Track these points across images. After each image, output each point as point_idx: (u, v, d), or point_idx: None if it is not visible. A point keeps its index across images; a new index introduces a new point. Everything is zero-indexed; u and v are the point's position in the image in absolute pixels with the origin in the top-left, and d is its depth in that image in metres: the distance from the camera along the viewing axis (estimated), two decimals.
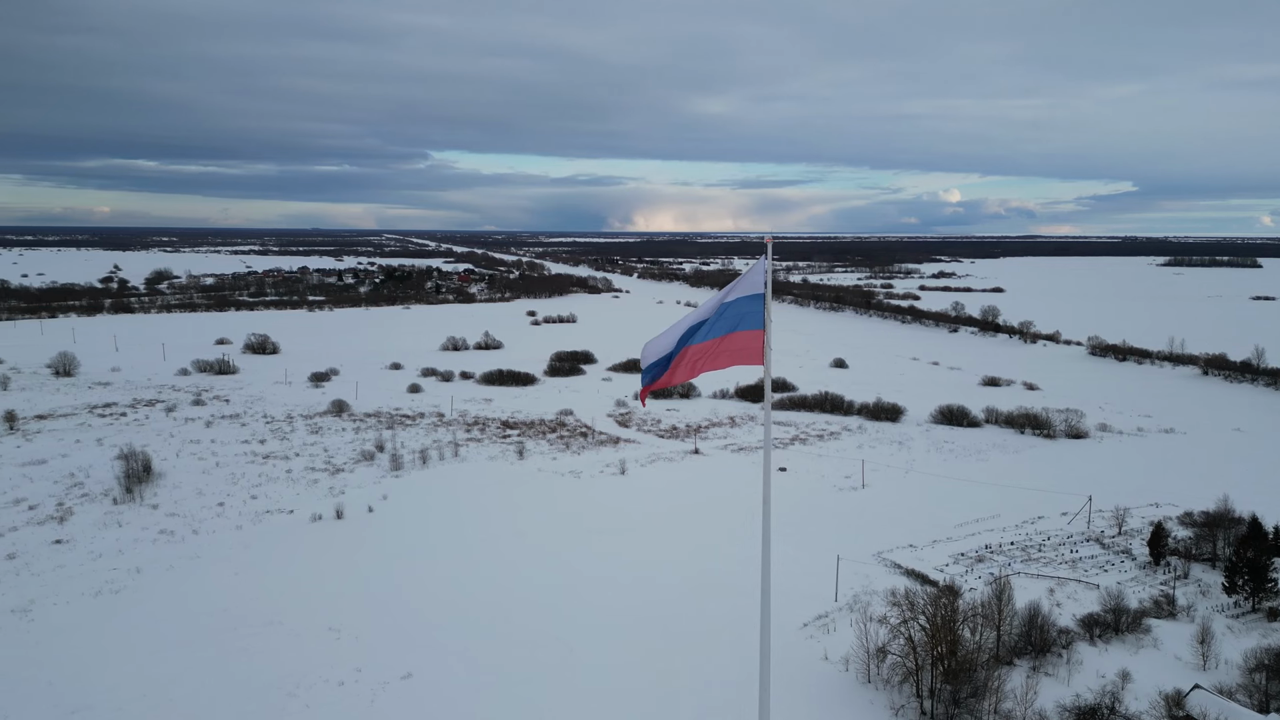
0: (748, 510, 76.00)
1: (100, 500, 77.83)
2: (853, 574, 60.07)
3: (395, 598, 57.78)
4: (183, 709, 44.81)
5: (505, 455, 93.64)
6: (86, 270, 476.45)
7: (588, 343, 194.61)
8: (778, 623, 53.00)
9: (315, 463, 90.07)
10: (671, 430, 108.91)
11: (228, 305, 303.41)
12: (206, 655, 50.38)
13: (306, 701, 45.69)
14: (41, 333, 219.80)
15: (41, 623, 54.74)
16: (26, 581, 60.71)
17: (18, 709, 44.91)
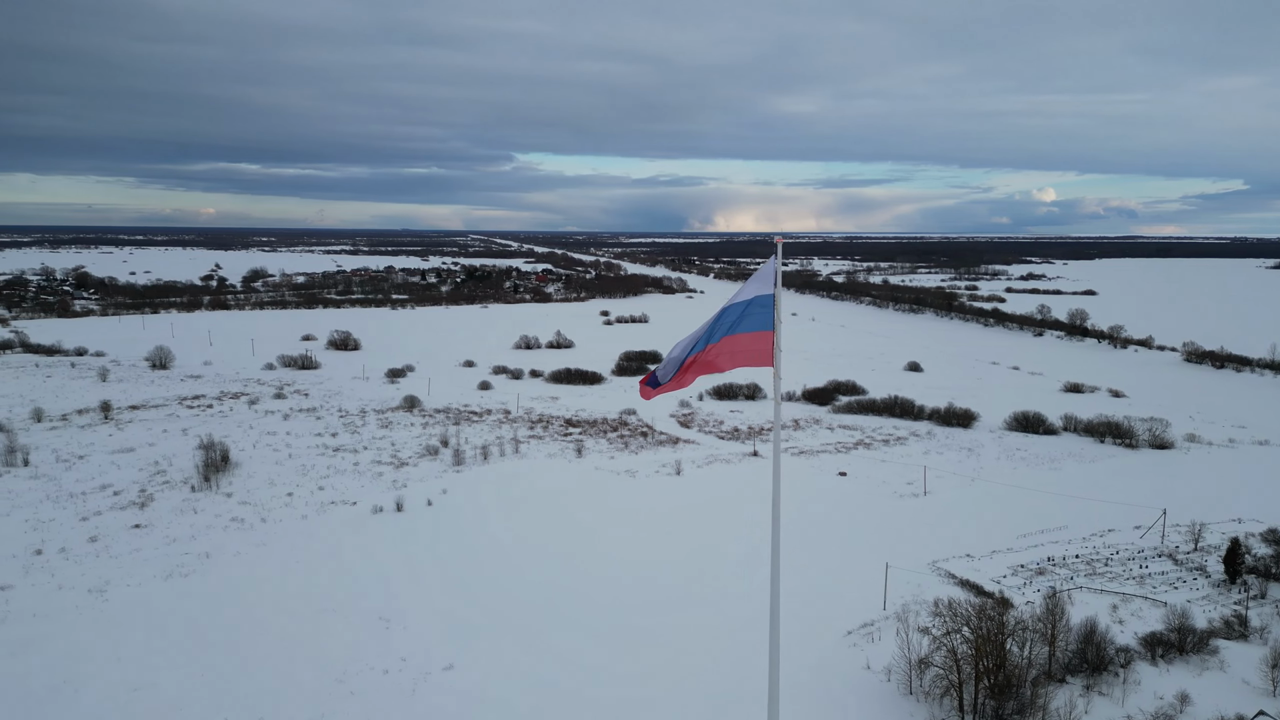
0: (802, 515, 74.97)
1: (180, 487, 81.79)
2: (904, 583, 58.62)
3: (443, 590, 59.06)
4: (238, 690, 46.74)
5: (564, 453, 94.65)
6: (189, 269, 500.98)
7: (658, 343, 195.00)
8: (821, 630, 52.35)
9: (382, 456, 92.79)
10: (733, 432, 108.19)
11: (316, 303, 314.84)
12: (264, 639, 52.45)
13: (353, 688, 47.13)
14: (143, 328, 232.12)
15: (115, 602, 57.88)
16: (105, 563, 64.24)
17: (87, 682, 47.60)
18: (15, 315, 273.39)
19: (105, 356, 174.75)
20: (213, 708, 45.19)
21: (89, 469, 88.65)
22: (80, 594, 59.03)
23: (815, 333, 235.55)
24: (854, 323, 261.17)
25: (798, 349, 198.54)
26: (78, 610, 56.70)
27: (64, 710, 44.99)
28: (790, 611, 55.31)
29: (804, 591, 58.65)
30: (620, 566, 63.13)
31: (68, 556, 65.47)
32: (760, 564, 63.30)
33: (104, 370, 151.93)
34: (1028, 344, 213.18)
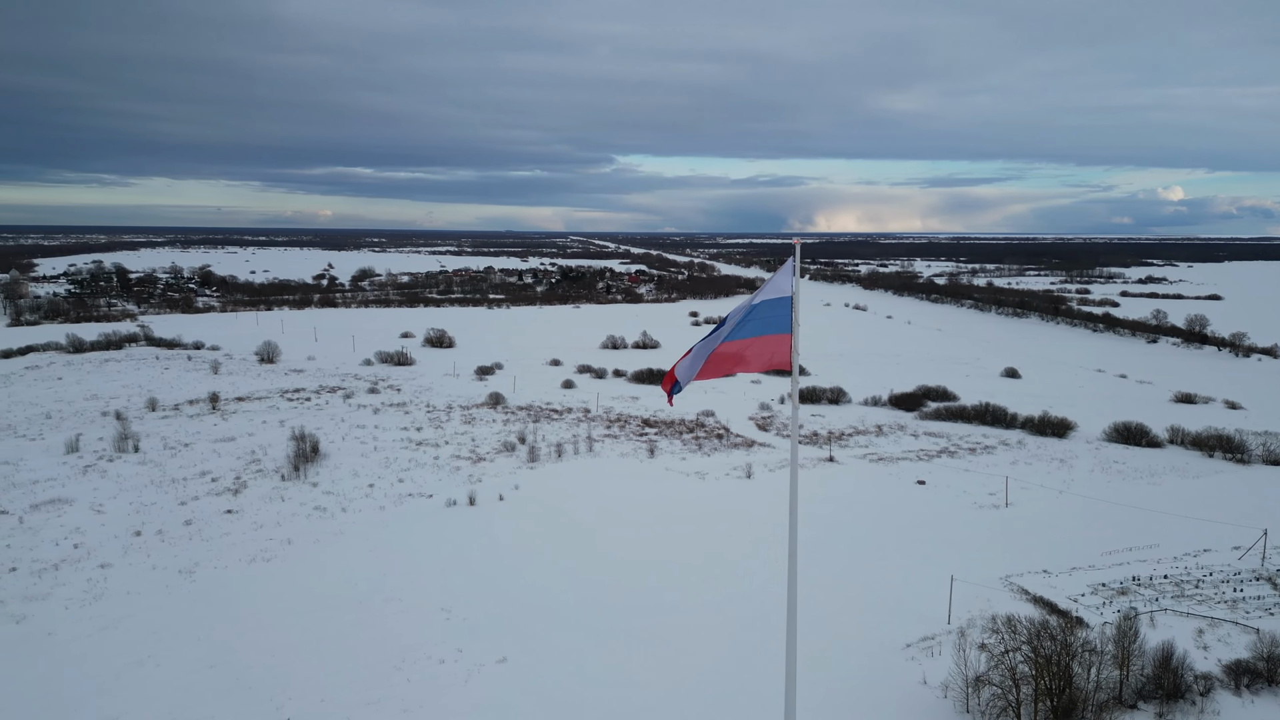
0: (872, 523, 73.16)
1: (271, 476, 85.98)
2: (973, 596, 56.45)
3: (504, 584, 60.20)
4: (300, 673, 48.84)
5: (636, 453, 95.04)
6: (304, 268, 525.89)
7: None
8: (878, 641, 51.01)
9: (461, 451, 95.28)
10: (812, 436, 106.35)
11: (418, 302, 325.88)
12: (332, 624, 54.66)
13: (409, 676, 48.59)
14: (257, 324, 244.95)
15: (201, 583, 61.36)
16: (197, 546, 68.16)
17: (166, 658, 50.62)
18: (144, 310, 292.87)
19: (219, 350, 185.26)
20: (277, 687, 47.34)
21: (192, 456, 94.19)
22: (171, 574, 62.83)
23: (909, 336, 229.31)
24: (951, 326, 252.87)
25: (889, 353, 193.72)
26: (167, 590, 60.35)
27: (141, 683, 47.95)
28: (848, 621, 54.26)
29: (865, 601, 57.27)
30: (679, 567, 62.97)
31: (164, 538, 69.76)
32: (820, 570, 62.19)
33: (216, 363, 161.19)
34: (1139, 351, 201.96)
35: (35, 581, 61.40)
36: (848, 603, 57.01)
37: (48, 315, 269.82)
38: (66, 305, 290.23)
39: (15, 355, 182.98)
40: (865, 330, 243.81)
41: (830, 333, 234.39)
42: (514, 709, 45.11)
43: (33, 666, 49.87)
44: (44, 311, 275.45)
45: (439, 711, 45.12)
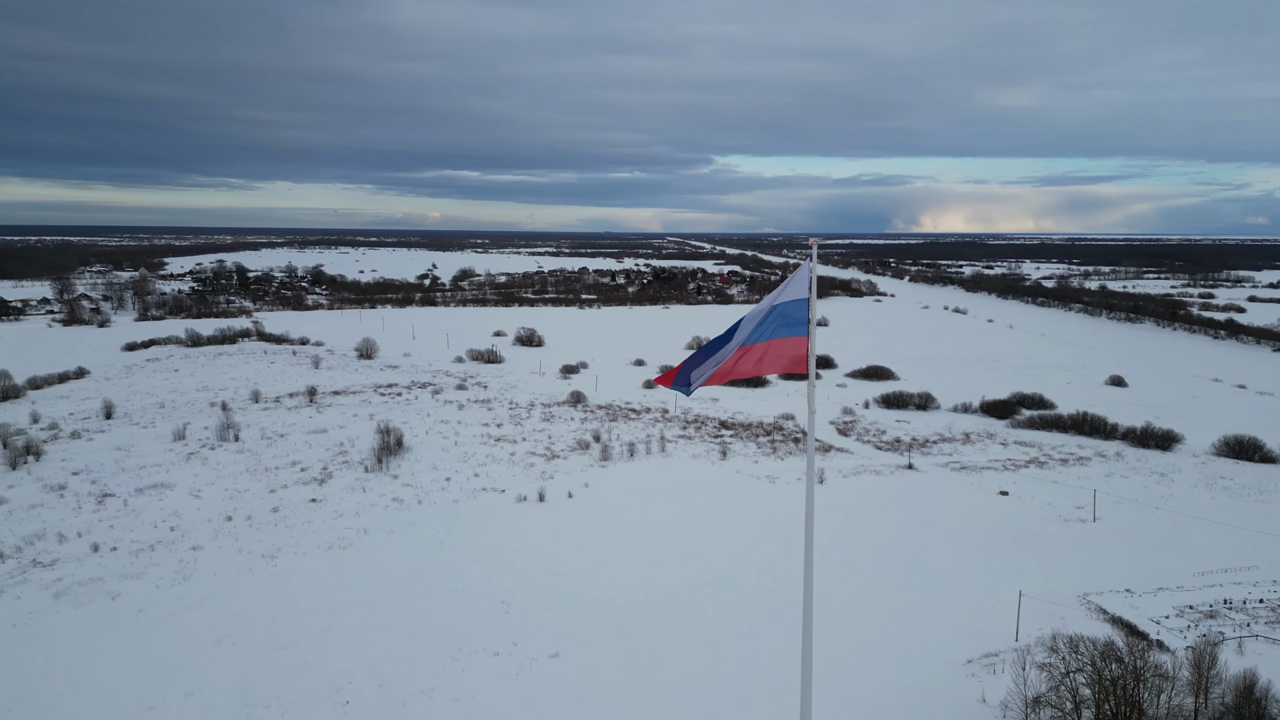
0: (949, 533, 70.73)
1: (355, 468, 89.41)
2: (1046, 614, 53.91)
3: (565, 580, 60.94)
4: (363, 658, 50.67)
5: (709, 454, 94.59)
6: (409, 268, 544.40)
7: (832, 347, 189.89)
8: (938, 655, 49.34)
9: (537, 448, 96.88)
10: (894, 443, 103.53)
11: (513, 301, 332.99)
12: (397, 612, 56.48)
13: (464, 666, 49.78)
14: (360, 321, 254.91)
15: (281, 568, 64.35)
16: (281, 532, 71.49)
17: (243, 638, 53.29)
18: (258, 307, 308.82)
19: (322, 346, 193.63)
20: (340, 670, 49.26)
21: (286, 447, 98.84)
22: (255, 558, 66.13)
23: (1010, 341, 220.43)
24: (1056, 331, 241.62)
25: (986, 358, 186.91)
26: (250, 573, 63.55)
27: (218, 661, 50.63)
28: (911, 633, 52.65)
29: (930, 614, 55.48)
30: (739, 570, 62.37)
31: (252, 524, 73.47)
32: (885, 579, 60.61)
33: (317, 358, 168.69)
34: (1263, 360, 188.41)
35: (132, 561, 65.62)
36: (913, 615, 55.35)
37: (172, 311, 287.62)
38: (189, 301, 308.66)
39: (139, 348, 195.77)
40: (963, 334, 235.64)
41: (924, 336, 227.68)
42: (561, 704, 45.63)
43: (123, 641, 53.30)
44: (169, 307, 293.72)
45: (488, 703, 46.06)
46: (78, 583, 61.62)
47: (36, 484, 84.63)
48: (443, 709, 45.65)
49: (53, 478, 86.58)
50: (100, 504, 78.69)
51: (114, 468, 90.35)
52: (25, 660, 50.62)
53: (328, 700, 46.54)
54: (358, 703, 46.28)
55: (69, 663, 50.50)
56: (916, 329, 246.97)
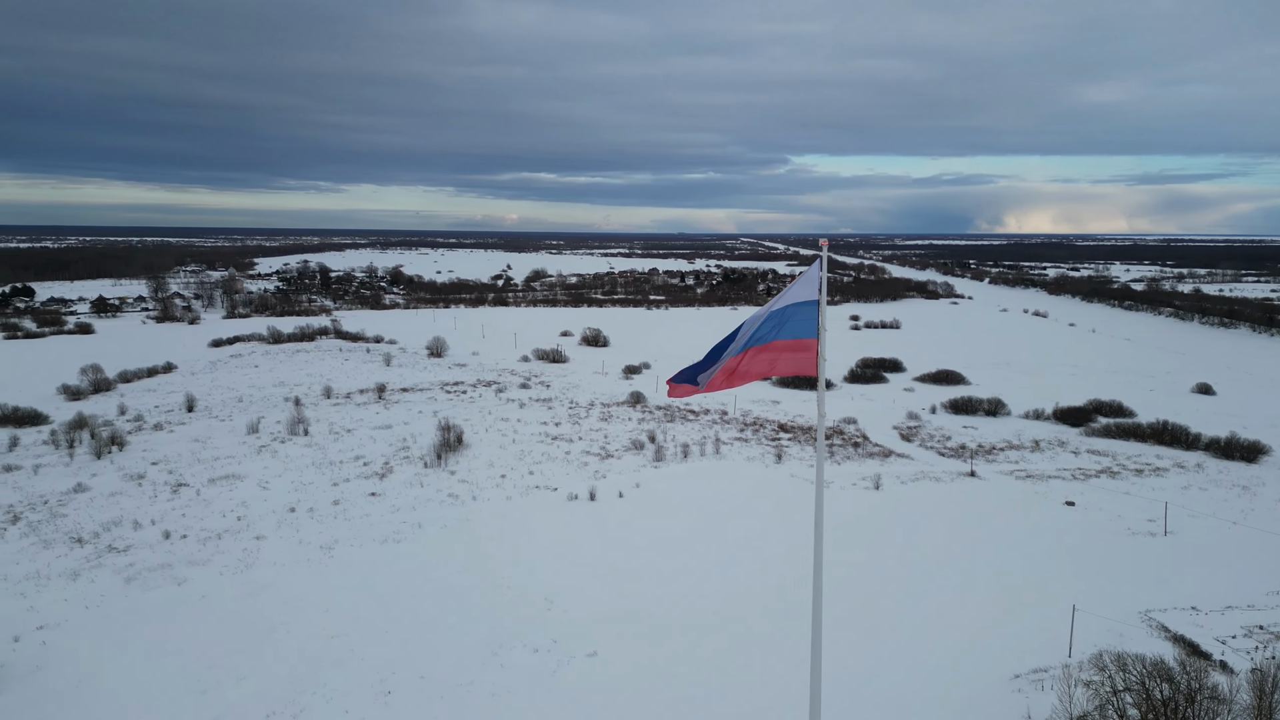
0: (1007, 543, 68.49)
1: (415, 463, 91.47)
2: (1103, 630, 51.76)
3: (609, 579, 61.17)
4: (408, 649, 51.84)
5: (764, 457, 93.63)
6: (484, 268, 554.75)
7: (904, 350, 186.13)
8: (984, 671, 47.90)
9: (593, 447, 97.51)
10: (959, 449, 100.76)
11: (582, 302, 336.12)
12: (443, 605, 57.59)
13: (504, 661, 50.48)
14: (433, 320, 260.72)
15: (338, 559, 66.28)
16: (340, 524, 73.63)
17: (297, 626, 55.07)
18: (338, 306, 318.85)
19: (395, 344, 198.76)
20: (384, 661, 50.49)
21: (351, 441, 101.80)
22: (313, 549, 68.27)
23: (1091, 346, 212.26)
24: (1143, 336, 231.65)
25: (1064, 363, 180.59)
26: (308, 563, 65.64)
27: (272, 648, 52.46)
28: (961, 645, 51.27)
29: (982, 626, 53.85)
30: (782, 574, 61.60)
31: (313, 516, 75.87)
32: (937, 588, 59.09)
33: (389, 356, 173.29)
34: None
35: (200, 548, 68.49)
36: (961, 627, 53.83)
37: (258, 309, 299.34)
38: (274, 300, 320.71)
39: (224, 344, 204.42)
40: (1041, 338, 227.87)
41: (1000, 340, 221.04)
42: (595, 703, 45.84)
43: (184, 625, 55.69)
44: (255, 305, 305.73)
45: (525, 700, 46.58)
46: (148, 568, 64.62)
47: (118, 473, 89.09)
48: (479, 703, 46.36)
49: (133, 467, 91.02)
50: (175, 493, 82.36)
51: (190, 459, 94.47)
52: (93, 642, 53.33)
53: (371, 690, 47.75)
54: (399, 693, 47.36)
55: (133, 645, 52.99)
56: (992, 332, 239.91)
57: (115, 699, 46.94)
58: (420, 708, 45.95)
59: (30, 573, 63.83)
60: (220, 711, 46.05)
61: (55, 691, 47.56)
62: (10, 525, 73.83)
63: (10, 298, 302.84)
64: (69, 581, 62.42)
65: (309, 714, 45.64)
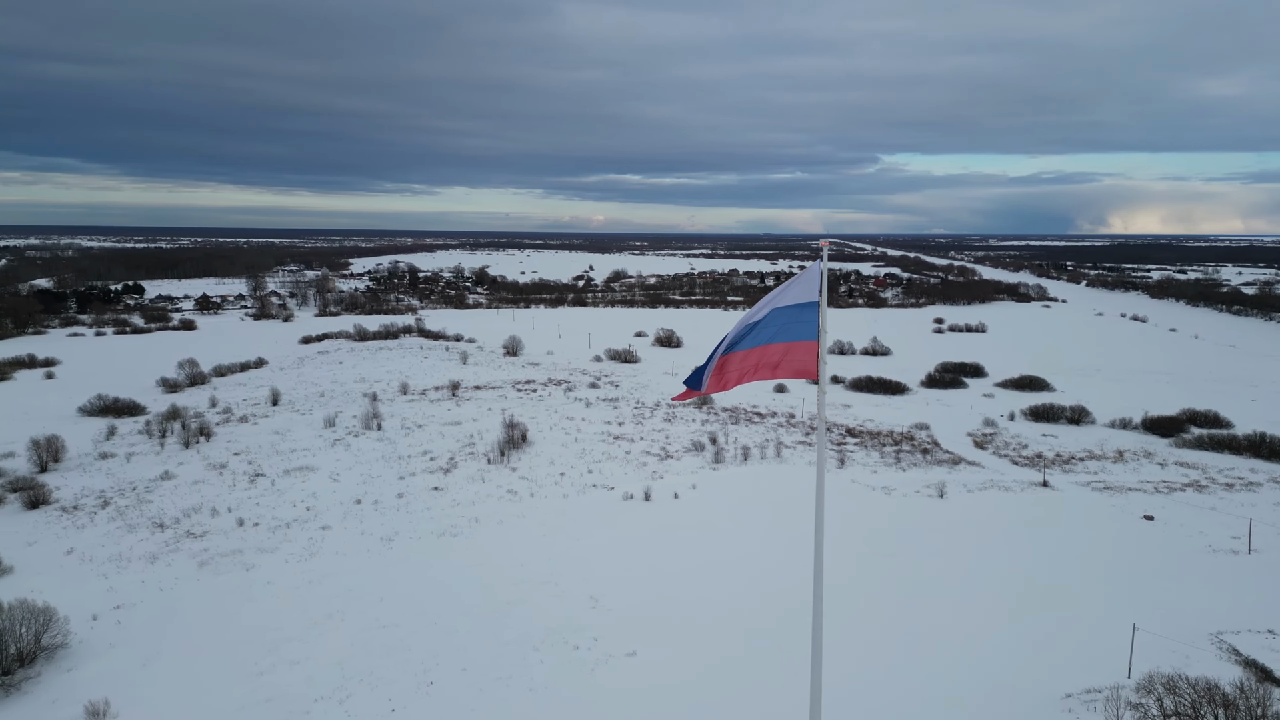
0: (1075, 557, 65.60)
1: (479, 459, 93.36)
2: (1168, 651, 49.07)
3: (655, 578, 61.18)
4: (453, 641, 52.99)
5: (826, 462, 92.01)
6: (567, 269, 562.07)
7: (987, 355, 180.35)
8: (1033, 688, 46.11)
9: (653, 448, 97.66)
10: (1034, 458, 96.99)
11: (659, 303, 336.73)
12: (491, 600, 58.64)
13: (543, 658, 51.07)
14: (513, 320, 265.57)
15: (396, 551, 68.22)
16: (402, 517, 75.75)
17: (351, 615, 56.94)
18: (424, 305, 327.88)
19: (474, 343, 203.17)
20: (430, 652, 51.73)
21: (421, 437, 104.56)
22: (374, 540, 70.44)
23: (1192, 352, 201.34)
24: (1251, 343, 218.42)
25: (1160, 370, 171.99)
26: (367, 554, 67.77)
27: (326, 634, 54.39)
28: (1009, 662, 49.50)
29: (1033, 642, 51.78)
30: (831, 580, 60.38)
31: (378, 508, 78.25)
32: (993, 600, 57.11)
33: (465, 354, 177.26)
34: None
35: (269, 536, 71.47)
36: (1014, 642, 51.85)
37: (348, 307, 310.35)
38: (364, 299, 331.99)
39: (313, 341, 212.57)
40: (1138, 344, 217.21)
41: (1092, 345, 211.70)
42: (628, 703, 45.93)
43: (249, 609, 58.25)
44: (345, 304, 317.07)
45: (560, 695, 47.03)
46: (220, 554, 67.82)
47: (202, 462, 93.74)
48: (516, 697, 47.01)
49: (217, 457, 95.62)
50: (252, 483, 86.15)
51: (269, 450, 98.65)
52: (163, 622, 56.31)
53: (414, 679, 48.98)
54: (440, 684, 48.44)
55: (200, 627, 55.71)
56: (1084, 337, 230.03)
57: (178, 677, 49.43)
58: (458, 699, 46.89)
59: (113, 555, 67.78)
60: (273, 694, 47.98)
61: (124, 668, 50.40)
62: (100, 510, 78.49)
63: (122, 295, 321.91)
64: (147, 564, 66.03)
65: (354, 700, 47.12)
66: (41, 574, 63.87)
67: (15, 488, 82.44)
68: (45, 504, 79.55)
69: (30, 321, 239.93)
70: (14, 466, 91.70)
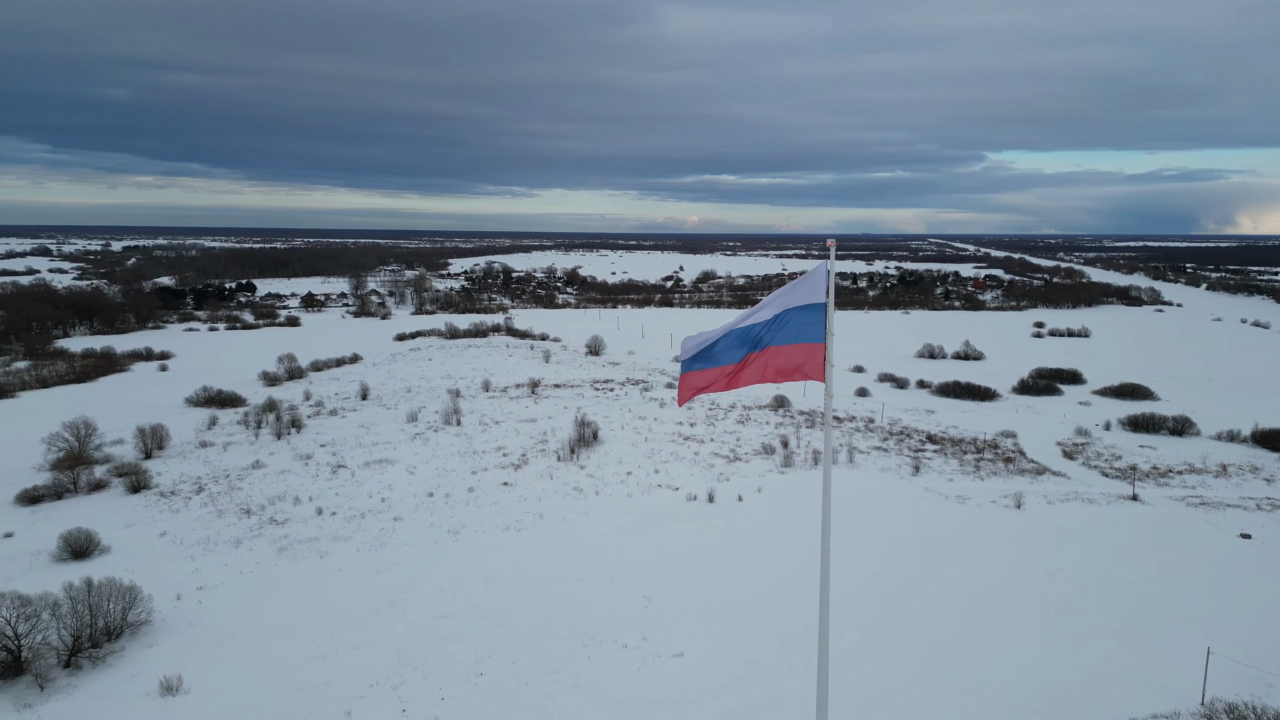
0: (1158, 574, 62.04)
1: (549, 456, 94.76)
2: (1251, 678, 45.98)
3: (710, 580, 60.86)
4: (505, 634, 54.01)
5: (900, 469, 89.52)
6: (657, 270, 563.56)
7: (1088, 361, 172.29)
8: (1100, 711, 43.95)
9: (722, 449, 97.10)
10: (1127, 470, 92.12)
11: (746, 303, 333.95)
12: (546, 594, 59.49)
13: (592, 654, 51.54)
14: (599, 319, 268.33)
15: (462, 543, 69.94)
16: (470, 511, 77.62)
17: (413, 604, 58.73)
18: (514, 304, 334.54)
19: (558, 342, 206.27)
20: (482, 644, 52.89)
21: (497, 433, 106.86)
22: (441, 533, 72.41)
23: None
24: None
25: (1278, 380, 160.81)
26: (434, 545, 69.72)
27: (387, 622, 56.25)
28: (1073, 683, 47.38)
29: (1101, 663, 49.27)
30: (882, 587, 58.86)
31: (448, 502, 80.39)
32: (1063, 618, 54.64)
33: (548, 353, 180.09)
34: None
35: (345, 525, 74.35)
36: (1081, 663, 49.43)
37: (443, 306, 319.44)
38: (458, 298, 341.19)
39: (407, 338, 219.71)
40: (1256, 352, 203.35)
41: (1205, 352, 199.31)
42: (672, 704, 45.90)
43: (319, 595, 60.78)
44: (440, 303, 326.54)
45: (604, 692, 47.37)
46: (298, 540, 70.96)
47: (291, 453, 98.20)
48: (561, 692, 47.59)
49: (304, 448, 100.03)
50: (334, 474, 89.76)
51: (354, 442, 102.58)
52: (241, 604, 59.31)
53: (465, 670, 50.17)
54: (490, 675, 49.47)
55: (273, 609, 58.44)
56: (1197, 344, 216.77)
57: (247, 656, 52.00)
58: (505, 691, 47.78)
59: (202, 538, 71.76)
60: (332, 677, 49.94)
61: (200, 646, 53.32)
62: (195, 495, 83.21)
63: (235, 292, 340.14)
64: (232, 548, 69.65)
65: (407, 688, 48.59)
66: (135, 554, 68.23)
67: (121, 473, 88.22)
68: (146, 489, 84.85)
69: (150, 317, 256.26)
70: (122, 453, 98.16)
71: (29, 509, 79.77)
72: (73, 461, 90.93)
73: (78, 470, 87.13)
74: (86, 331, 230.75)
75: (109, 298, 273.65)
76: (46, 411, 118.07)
